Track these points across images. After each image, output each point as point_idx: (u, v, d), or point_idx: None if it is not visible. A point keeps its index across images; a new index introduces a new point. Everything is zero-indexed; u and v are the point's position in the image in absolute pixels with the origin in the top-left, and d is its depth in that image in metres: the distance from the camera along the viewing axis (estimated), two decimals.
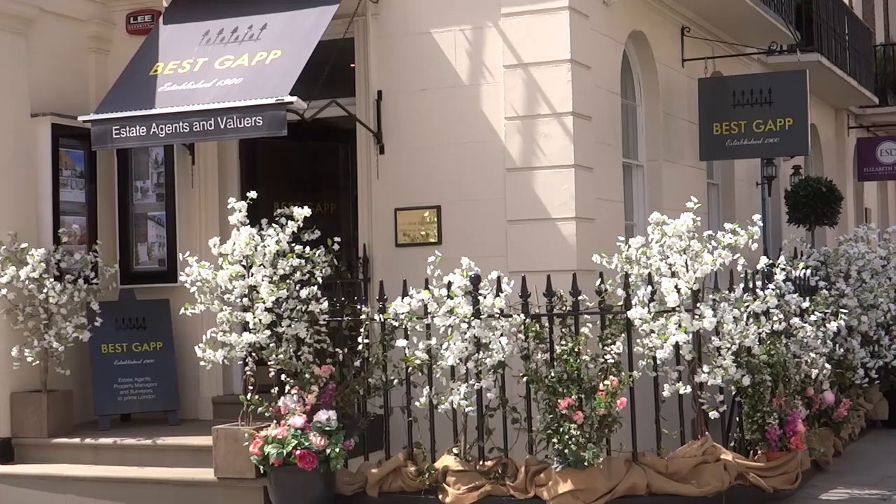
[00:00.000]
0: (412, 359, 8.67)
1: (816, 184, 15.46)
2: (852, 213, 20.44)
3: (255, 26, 10.25)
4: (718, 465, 8.55)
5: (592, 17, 10.30)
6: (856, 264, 12.33)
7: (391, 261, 10.23)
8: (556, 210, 9.80)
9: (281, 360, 8.87)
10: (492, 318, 8.43)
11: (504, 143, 10.00)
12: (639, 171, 11.91)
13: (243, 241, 8.88)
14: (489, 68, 10.09)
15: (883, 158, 21.49)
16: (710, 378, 8.50)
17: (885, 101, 21.36)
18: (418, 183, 10.26)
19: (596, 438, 8.21)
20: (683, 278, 8.46)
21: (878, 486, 9.52)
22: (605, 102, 10.62)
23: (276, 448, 8.56)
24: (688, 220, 8.65)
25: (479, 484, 8.51)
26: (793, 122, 12.32)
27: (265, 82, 9.60)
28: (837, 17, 18.07)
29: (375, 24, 10.46)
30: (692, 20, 12.81)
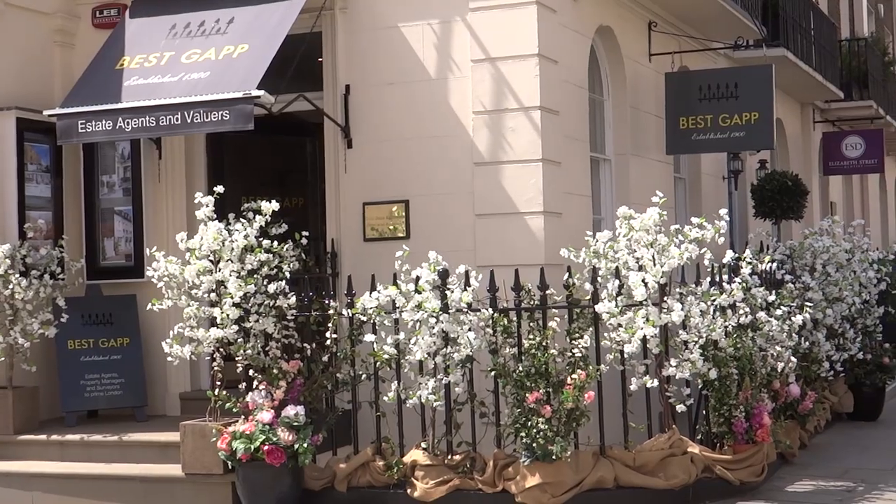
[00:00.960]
0: (380, 353, 8.67)
1: (782, 178, 15.55)
2: (818, 207, 20.57)
3: (223, 20, 10.21)
4: (685, 457, 8.61)
5: (560, 12, 10.32)
6: (821, 258, 12.41)
7: (359, 255, 10.22)
8: (524, 204, 9.82)
9: (249, 355, 8.85)
10: (460, 312, 8.44)
11: (472, 138, 10.00)
12: (606, 165, 11.95)
13: (211, 236, 8.84)
14: (457, 62, 10.09)
15: (848, 153, 21.61)
16: (677, 371, 8.56)
17: (850, 95, 21.46)
18: (386, 177, 10.25)
19: (564, 432, 8.24)
20: (651, 272, 8.51)
21: (843, 478, 9.60)
22: (572, 97, 10.65)
23: (243, 443, 8.54)
24: (654, 214, 8.70)
25: (447, 478, 8.52)
26: (758, 117, 12.37)
27: (232, 76, 9.56)
28: (803, 13, 18.16)
29: (343, 19, 10.44)
30: (659, 15, 12.86)
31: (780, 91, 16.03)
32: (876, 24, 28.83)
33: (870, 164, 21.84)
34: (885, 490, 9.09)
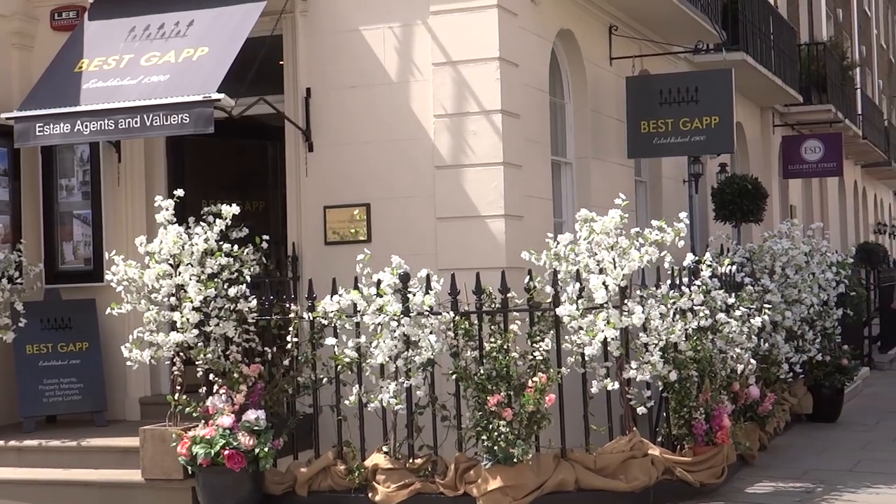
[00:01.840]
0: (341, 357, 8.65)
1: (742, 181, 15.66)
2: (777, 210, 20.73)
3: (182, 22, 10.16)
4: (646, 460, 8.64)
5: (521, 16, 10.35)
6: (780, 260, 12.49)
7: (320, 259, 10.20)
8: (486, 208, 9.83)
9: (209, 359, 8.81)
10: (421, 315, 8.44)
11: (433, 141, 10.01)
12: (567, 168, 11.99)
13: (170, 240, 8.80)
14: (418, 66, 10.10)
15: (807, 156, 21.81)
16: (637, 374, 8.60)
17: (809, 99, 21.68)
18: (347, 181, 10.24)
19: (525, 435, 8.25)
20: (611, 275, 8.54)
21: (803, 480, 9.66)
22: (533, 100, 10.67)
23: (204, 448, 8.50)
24: (615, 216, 8.73)
25: (408, 482, 8.51)
26: (718, 121, 12.45)
27: (192, 79, 9.52)
28: (763, 17, 18.31)
29: (304, 22, 10.42)
30: (620, 19, 12.92)
31: (740, 95, 16.16)
32: (835, 28, 29.12)
33: (829, 167, 22.08)
34: (844, 491, 9.16)
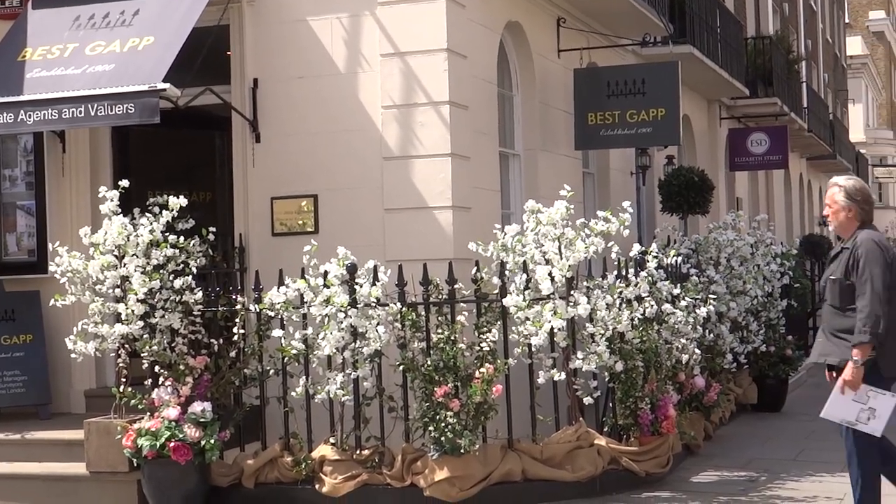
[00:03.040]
0: (288, 349, 8.63)
1: (689, 173, 15.75)
2: (724, 202, 20.88)
3: (128, 12, 10.06)
4: (592, 450, 8.70)
5: (469, 7, 10.35)
6: (725, 251, 12.61)
7: (268, 250, 10.16)
8: (433, 199, 9.83)
9: (154, 351, 8.75)
10: (368, 307, 8.43)
11: (381, 132, 9.99)
12: (515, 160, 12.01)
13: (115, 231, 8.73)
14: (366, 57, 10.07)
15: (753, 149, 21.99)
16: (584, 364, 8.65)
17: (755, 92, 21.80)
18: (295, 172, 10.20)
19: (472, 426, 8.28)
20: (557, 266, 8.59)
21: (747, 469, 9.77)
22: (481, 92, 10.68)
23: (149, 440, 8.45)
24: (561, 208, 8.77)
25: (355, 473, 8.51)
26: (665, 113, 12.51)
27: (137, 69, 9.43)
28: (710, 11, 18.41)
29: (251, 11, 10.36)
30: (568, 11, 12.95)
31: (686, 88, 16.25)
32: (781, 22, 29.37)
33: (774, 160, 22.27)
34: (787, 479, 9.28)
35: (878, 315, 6.66)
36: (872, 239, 6.86)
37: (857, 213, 7.01)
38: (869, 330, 6.65)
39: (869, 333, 6.65)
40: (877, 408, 6.78)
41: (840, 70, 45.57)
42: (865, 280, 6.74)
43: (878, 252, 6.79)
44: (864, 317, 6.67)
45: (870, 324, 6.65)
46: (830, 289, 6.99)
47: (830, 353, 6.93)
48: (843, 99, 45.89)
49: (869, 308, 6.67)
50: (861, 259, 6.79)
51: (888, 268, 6.79)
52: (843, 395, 6.78)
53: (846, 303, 6.86)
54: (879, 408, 6.78)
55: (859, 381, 6.74)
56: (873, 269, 6.73)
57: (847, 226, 7.05)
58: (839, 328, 6.87)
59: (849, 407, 6.80)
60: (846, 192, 7.04)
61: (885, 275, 6.75)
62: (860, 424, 6.81)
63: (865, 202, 7.04)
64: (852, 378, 6.73)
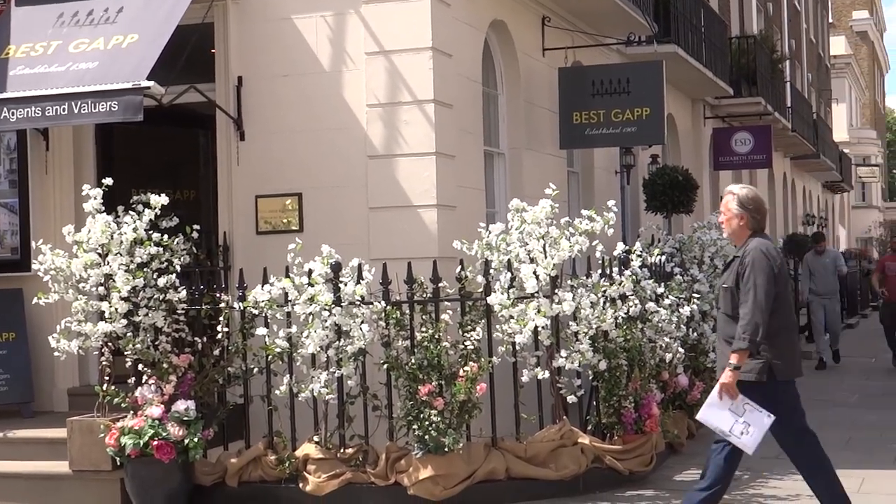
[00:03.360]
0: (272, 347, 8.63)
1: (673, 172, 15.78)
2: (708, 201, 20.93)
3: (112, 9, 10.04)
4: (576, 448, 8.71)
5: (454, 6, 10.35)
6: (709, 251, 12.63)
7: (252, 248, 10.15)
8: (418, 197, 9.84)
9: (138, 349, 8.73)
10: (353, 305, 8.43)
11: (366, 131, 9.99)
12: (500, 159, 12.02)
13: (98, 229, 8.71)
14: (351, 55, 10.07)
15: (737, 148, 22.06)
16: (567, 363, 8.66)
17: (739, 92, 21.88)
18: (279, 170, 10.19)
19: (456, 424, 8.29)
20: (542, 264, 8.60)
21: None
22: (466, 90, 10.69)
23: (132, 439, 8.43)
24: (546, 206, 8.78)
25: (339, 472, 8.51)
26: (649, 112, 12.55)
27: (121, 67, 9.40)
28: (694, 10, 18.47)
29: (235, 9, 10.35)
30: (553, 10, 12.97)
31: (671, 87, 16.30)
32: (765, 22, 29.46)
33: (758, 159, 22.35)
34: (770, 477, 9.29)
35: (757, 323, 6.79)
36: (760, 249, 6.99)
37: (748, 221, 7.15)
38: (748, 337, 6.78)
39: (748, 340, 6.78)
40: (751, 423, 6.89)
41: (824, 70, 45.73)
42: (749, 289, 6.88)
43: (765, 262, 6.93)
44: (745, 324, 6.81)
45: (749, 331, 6.78)
46: (723, 296, 7.16)
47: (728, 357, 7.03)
48: (826, 98, 46.05)
49: (750, 316, 6.80)
50: (748, 268, 6.93)
51: (774, 277, 6.94)
52: (721, 400, 6.90)
53: (736, 310, 6.99)
54: (754, 424, 6.89)
55: (734, 387, 6.84)
56: (758, 278, 6.87)
57: (739, 233, 7.20)
58: (730, 335, 6.99)
59: (724, 416, 6.91)
60: (739, 201, 7.18)
61: (769, 284, 6.88)
62: (733, 437, 6.92)
63: (757, 211, 7.19)
64: (729, 381, 6.84)
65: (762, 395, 6.92)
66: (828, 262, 18.12)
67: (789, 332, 7.13)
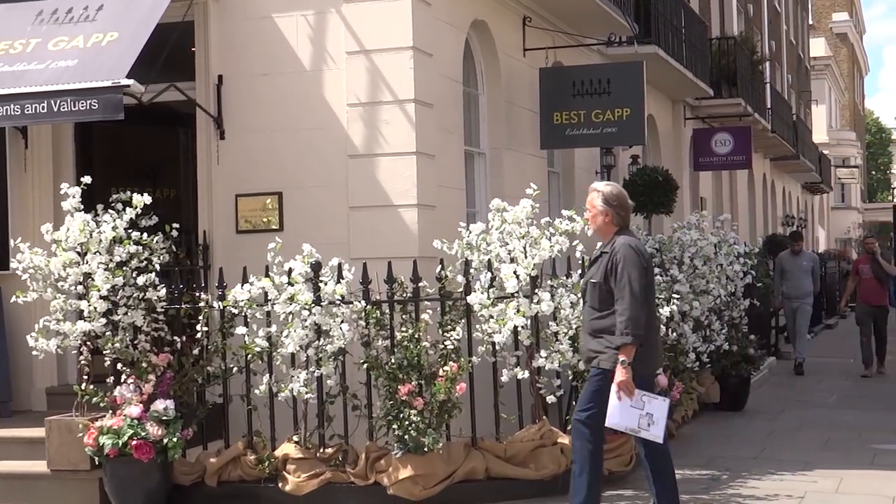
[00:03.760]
0: (252, 346, 8.61)
1: (653, 173, 15.80)
2: (688, 201, 21.00)
3: (91, 7, 10.00)
4: (555, 448, 8.72)
5: (435, 5, 10.35)
6: (688, 251, 12.65)
7: (232, 247, 10.13)
8: (398, 197, 9.83)
9: (117, 348, 8.71)
10: (332, 304, 8.42)
11: (346, 130, 9.98)
12: (481, 158, 12.03)
13: (78, 228, 8.67)
14: (331, 54, 10.06)
15: (717, 149, 22.11)
16: (547, 363, 8.67)
17: (719, 93, 21.93)
18: (260, 169, 10.17)
19: (436, 424, 8.29)
20: (522, 264, 8.60)
21: (709, 467, 9.83)
22: (447, 90, 10.69)
23: (111, 439, 8.40)
24: (527, 206, 8.79)
25: (319, 471, 8.50)
26: (630, 113, 12.57)
27: (101, 65, 9.36)
28: (675, 11, 18.51)
29: (216, 8, 10.32)
30: (534, 10, 12.98)
31: (651, 88, 16.32)
32: (745, 23, 29.55)
33: (738, 160, 22.42)
34: (749, 478, 9.34)
35: (637, 316, 6.96)
36: (629, 244, 7.16)
37: (613, 217, 7.31)
38: (631, 331, 6.94)
39: (631, 335, 6.94)
40: (653, 412, 7.03)
41: (803, 71, 45.90)
42: (624, 284, 7.02)
43: (636, 256, 7.09)
44: (626, 319, 6.96)
45: (631, 326, 6.94)
46: (591, 292, 7.32)
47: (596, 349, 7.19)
48: (806, 100, 46.23)
49: (629, 311, 6.96)
50: (619, 263, 7.08)
51: (645, 271, 7.12)
52: (621, 401, 7.02)
53: (606, 306, 7.16)
54: (655, 412, 7.04)
55: (631, 383, 6.96)
56: (632, 273, 7.03)
57: (605, 230, 7.35)
58: (598, 329, 7.17)
59: (629, 413, 7.04)
60: (604, 197, 7.33)
61: (642, 278, 7.06)
62: (643, 431, 7.08)
63: (621, 207, 7.34)
64: (624, 378, 6.96)
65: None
66: (803, 263, 17.57)
67: (652, 326, 7.29)
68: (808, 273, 17.54)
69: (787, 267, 17.61)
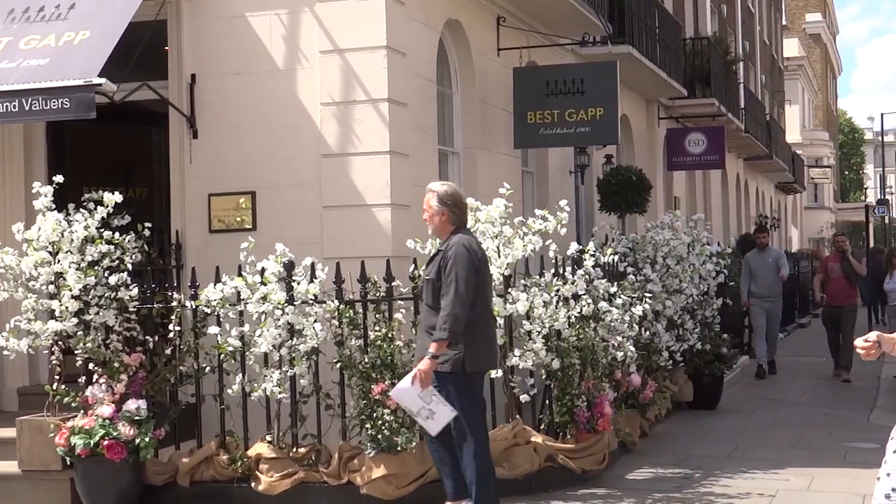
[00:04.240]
0: (224, 346, 8.59)
1: (627, 173, 15.85)
2: (662, 201, 21.05)
3: (63, 5, 9.95)
4: (529, 447, 8.73)
5: (408, 5, 10.35)
6: (662, 250, 12.68)
7: (205, 247, 10.10)
8: (372, 196, 9.83)
9: (89, 348, 8.66)
10: (306, 304, 8.41)
11: (320, 129, 9.97)
12: (455, 158, 12.04)
13: (49, 227, 8.63)
14: (305, 54, 10.05)
15: (691, 149, 22.18)
16: (521, 362, 8.68)
17: (693, 93, 22.00)
18: (233, 168, 10.15)
19: (409, 424, 8.27)
20: (495, 264, 8.61)
21: (681, 465, 9.86)
22: (421, 90, 10.70)
23: (83, 439, 8.36)
24: (500, 205, 8.80)
25: (292, 471, 8.48)
26: (603, 112, 12.60)
27: (73, 63, 9.32)
28: (648, 11, 18.56)
29: (189, 6, 10.29)
30: (508, 10, 13.00)
31: (625, 88, 16.37)
32: (719, 24, 29.66)
33: (711, 160, 22.49)
34: (721, 476, 9.37)
35: (458, 314, 7.05)
36: (462, 243, 7.26)
37: (449, 216, 7.43)
38: (448, 327, 7.05)
39: (448, 331, 7.05)
40: (436, 413, 7.17)
41: (777, 71, 46.12)
42: (451, 281, 7.13)
43: (466, 255, 7.19)
44: (446, 315, 7.07)
45: (450, 322, 7.04)
46: (426, 288, 7.43)
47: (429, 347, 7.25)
48: (779, 100, 46.45)
49: (450, 307, 7.07)
50: (450, 261, 7.19)
51: (475, 271, 7.20)
52: (412, 385, 7.16)
53: (437, 302, 7.23)
54: (438, 414, 7.18)
55: (430, 375, 7.11)
56: (459, 271, 7.13)
57: (442, 229, 7.47)
58: (433, 325, 7.23)
59: (414, 398, 7.19)
60: (438, 197, 7.46)
61: (469, 277, 7.15)
62: (419, 418, 7.25)
63: (456, 206, 7.47)
64: (426, 369, 7.11)
65: (455, 386, 7.19)
66: (770, 261, 17.11)
67: (485, 325, 7.39)
68: (776, 271, 17.06)
69: (756, 266, 16.99)
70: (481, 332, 7.30)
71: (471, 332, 7.15)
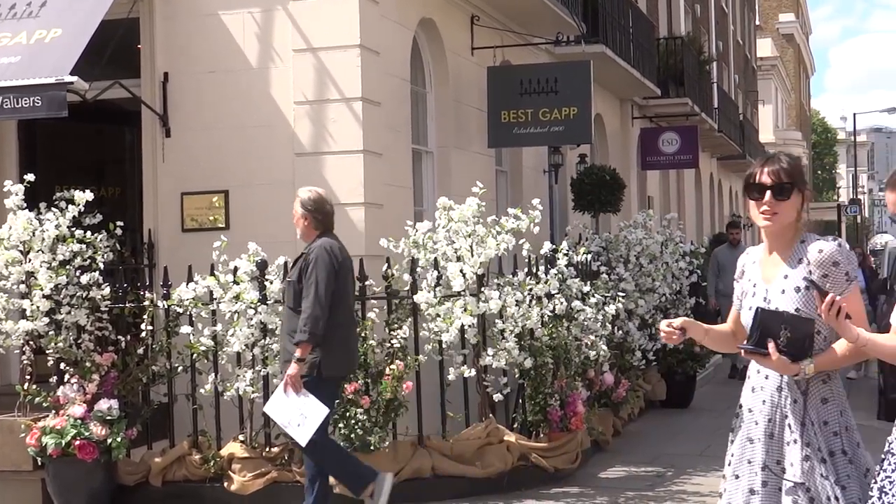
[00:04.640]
0: (197, 345, 8.56)
1: (601, 172, 15.87)
2: (635, 200, 21.07)
3: (35, 3, 9.90)
4: (502, 446, 8.75)
5: (382, 4, 10.34)
6: (635, 250, 12.72)
7: (178, 246, 10.06)
8: (345, 195, 9.81)
9: (60, 348, 8.63)
10: (279, 303, 8.39)
11: (293, 128, 9.95)
12: (428, 157, 12.04)
13: (20, 226, 8.59)
14: (278, 52, 10.03)
15: (664, 148, 22.22)
16: (494, 361, 8.70)
17: (666, 92, 22.03)
18: (206, 167, 10.12)
19: (382, 423, 8.29)
20: (468, 263, 8.62)
21: (654, 464, 9.90)
22: (394, 88, 10.69)
23: (54, 439, 8.33)
24: (473, 205, 8.81)
25: (265, 471, 8.47)
26: (577, 112, 12.62)
27: (44, 61, 9.27)
28: (622, 11, 18.58)
29: (162, 4, 10.25)
30: (482, 9, 13.00)
31: (599, 87, 16.39)
32: (692, 23, 29.75)
33: (685, 159, 22.54)
34: (693, 474, 9.41)
35: (317, 316, 7.13)
36: (324, 247, 7.36)
37: (312, 221, 7.54)
38: (308, 329, 7.12)
39: (308, 333, 7.11)
40: (308, 415, 7.18)
41: (750, 71, 46.31)
42: (311, 283, 7.22)
43: (327, 259, 7.29)
44: (306, 318, 7.15)
45: (310, 324, 7.12)
46: (287, 291, 7.50)
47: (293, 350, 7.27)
48: (753, 100, 46.64)
49: (310, 310, 7.15)
50: (311, 264, 7.28)
51: (335, 274, 7.30)
52: (286, 394, 7.19)
53: (298, 304, 7.29)
54: (310, 415, 7.18)
55: (299, 379, 7.14)
56: (319, 274, 7.22)
57: (307, 233, 7.58)
58: (294, 329, 7.28)
59: (286, 408, 7.20)
60: (301, 203, 7.60)
61: (329, 280, 7.23)
62: (290, 428, 7.23)
63: (318, 212, 7.57)
64: (294, 373, 7.14)
65: (310, 390, 7.20)
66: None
67: (344, 330, 7.44)
68: None
69: (725, 262, 15.48)
70: (340, 336, 7.33)
71: (329, 337, 7.19)
